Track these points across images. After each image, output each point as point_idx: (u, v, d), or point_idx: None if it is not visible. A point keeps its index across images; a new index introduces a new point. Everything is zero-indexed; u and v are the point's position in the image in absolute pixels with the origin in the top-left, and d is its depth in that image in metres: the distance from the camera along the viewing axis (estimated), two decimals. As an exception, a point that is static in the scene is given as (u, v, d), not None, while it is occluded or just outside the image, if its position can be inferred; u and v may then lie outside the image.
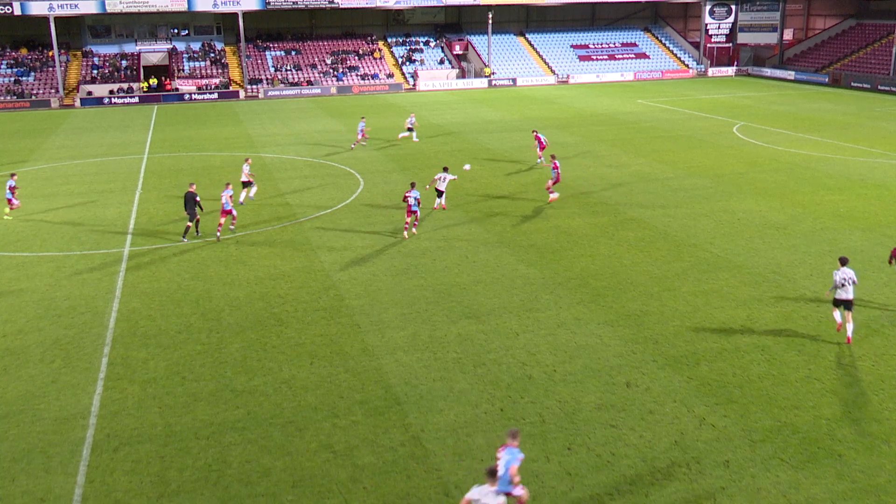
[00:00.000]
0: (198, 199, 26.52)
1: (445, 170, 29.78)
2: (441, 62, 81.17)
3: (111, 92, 71.75)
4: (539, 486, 12.91)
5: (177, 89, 72.63)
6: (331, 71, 77.91)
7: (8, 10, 68.39)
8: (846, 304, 18.02)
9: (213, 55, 78.43)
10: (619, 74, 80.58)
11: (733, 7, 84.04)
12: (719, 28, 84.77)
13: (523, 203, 31.33)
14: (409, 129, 45.99)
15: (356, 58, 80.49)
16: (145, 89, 72.17)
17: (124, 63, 76.21)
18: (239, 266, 24.23)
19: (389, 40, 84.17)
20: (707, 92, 69.33)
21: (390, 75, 78.36)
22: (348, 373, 17.02)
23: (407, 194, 26.48)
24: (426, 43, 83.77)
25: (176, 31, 79.96)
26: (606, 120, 52.77)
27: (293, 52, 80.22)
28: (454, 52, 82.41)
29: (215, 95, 71.93)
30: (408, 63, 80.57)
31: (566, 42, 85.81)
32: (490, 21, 77.99)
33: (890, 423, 14.63)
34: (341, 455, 13.89)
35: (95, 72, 74.31)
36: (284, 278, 23.07)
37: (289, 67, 77.95)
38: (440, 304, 20.89)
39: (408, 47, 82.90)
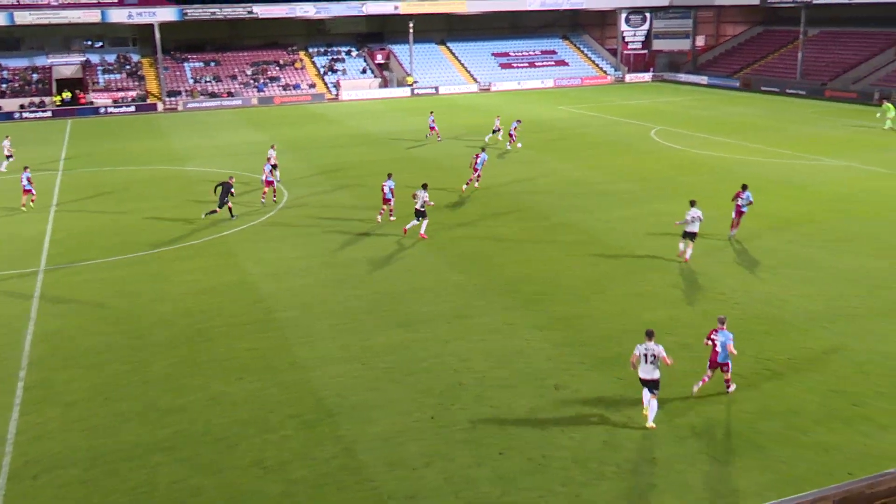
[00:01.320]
0: (231, 188, 30.42)
1: (424, 187, 27.44)
2: (363, 72, 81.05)
3: (22, 106, 69.34)
4: (473, 492, 12.98)
5: (92, 103, 70.65)
6: (252, 82, 76.97)
7: None
8: (691, 236, 24.21)
9: (129, 67, 76.62)
10: (540, 81, 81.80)
11: (648, 15, 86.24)
12: (635, 35, 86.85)
13: (455, 211, 31.49)
14: (496, 130, 47.05)
15: (277, 68, 79.72)
16: (58, 103, 69.98)
17: (35, 76, 73.78)
18: (163, 282, 23.70)
19: (311, 50, 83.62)
20: (626, 97, 70.93)
21: (312, 85, 77.86)
22: (279, 387, 16.81)
23: (383, 184, 29.06)
24: (348, 52, 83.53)
25: (90, 43, 77.78)
26: (530, 126, 53.43)
27: (213, 64, 78.97)
28: (376, 62, 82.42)
29: (132, 108, 70.24)
30: (330, 73, 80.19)
31: (487, 50, 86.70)
32: (411, 30, 78.26)
33: (808, 415, 15.18)
34: (273, 470, 13.71)
35: (5, 86, 71.75)
36: (211, 293, 22.66)
37: (208, 79, 76.70)
38: (372, 313, 20.82)
39: (330, 57, 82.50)
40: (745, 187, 27.03)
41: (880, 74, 67.66)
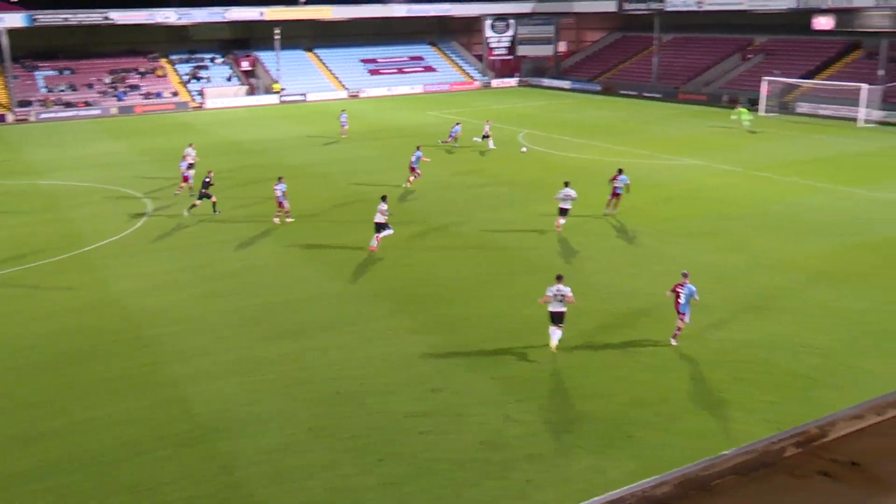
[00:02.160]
0: (210, 182, 31.33)
1: (384, 199, 26.98)
2: (229, 79, 79.22)
3: None
4: (355, 501, 12.98)
5: (-68, 114, 65.98)
6: (110, 91, 73.84)
7: None
8: (563, 212, 27.82)
9: (-27, 76, 71.98)
10: (409, 87, 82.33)
11: (512, 22, 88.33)
12: (500, 41, 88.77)
13: (330, 218, 31.29)
14: (486, 136, 46.12)
15: (138, 76, 76.79)
16: None
17: None
18: (27, 302, 22.45)
19: (173, 57, 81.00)
20: (493, 102, 72.39)
21: (175, 94, 75.46)
22: (154, 406, 16.25)
23: (275, 186, 29.74)
24: (212, 60, 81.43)
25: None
26: (401, 132, 53.76)
27: (67, 72, 75.24)
28: (242, 69, 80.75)
29: (-21, 120, 66.07)
30: (194, 81, 77.94)
31: (355, 56, 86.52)
32: (278, 37, 77.18)
33: (675, 403, 16.00)
34: (151, 493, 13.26)
35: None
36: (79, 312, 21.64)
37: (63, 88, 73.02)
38: (249, 326, 20.45)
39: (193, 64, 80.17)
40: (620, 171, 30.31)
41: (728, 78, 71.86)
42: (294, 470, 13.86)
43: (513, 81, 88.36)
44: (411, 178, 36.47)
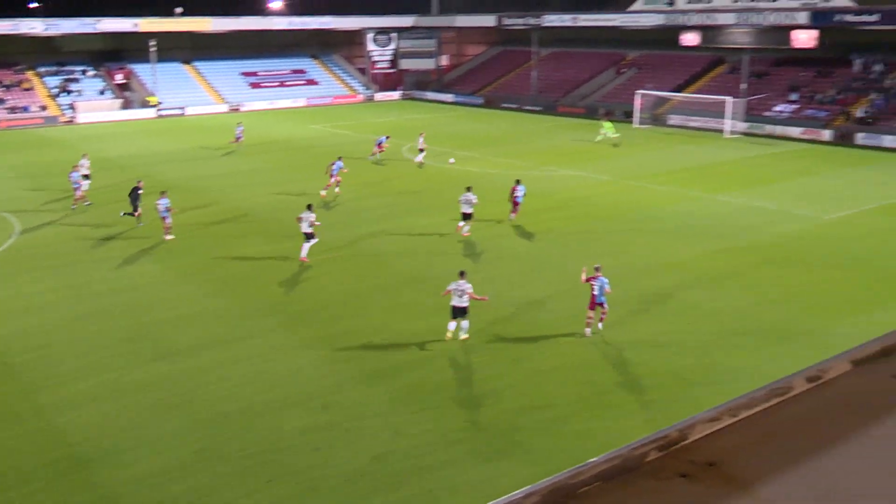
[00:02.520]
0: (140, 192, 31.25)
1: (310, 207, 26.83)
2: (102, 92, 76.21)
3: None
4: (246, 523, 12.65)
5: None
6: (-29, 104, 69.79)
7: None
8: (466, 217, 28.96)
9: None
10: (291, 101, 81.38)
11: (394, 35, 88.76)
12: (383, 55, 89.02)
13: (208, 235, 30.48)
14: (421, 150, 45.15)
15: (2, 89, 72.89)
16: None
17: None
18: None
19: (40, 69, 77.27)
20: (376, 115, 72.44)
21: (44, 107, 72.01)
22: (22, 437, 15.36)
23: (157, 202, 29.04)
24: (84, 72, 78.16)
25: None
26: (284, 146, 53.04)
27: (-79, 85, 70.70)
28: (116, 82, 77.85)
29: None
30: (64, 94, 74.59)
31: (236, 69, 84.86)
32: (153, 49, 74.85)
33: (563, 407, 16.35)
34: (21, 529, 12.52)
35: None
36: (-68, 341, 20.24)
37: (-83, 101, 68.54)
38: (126, 347, 19.64)
39: (62, 77, 76.73)
40: (518, 181, 31.71)
41: (604, 91, 74.42)
42: (178, 496, 13.38)
43: (396, 95, 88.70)
44: (331, 186, 36.84)
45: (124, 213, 31.75)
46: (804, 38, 58.05)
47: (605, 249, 27.83)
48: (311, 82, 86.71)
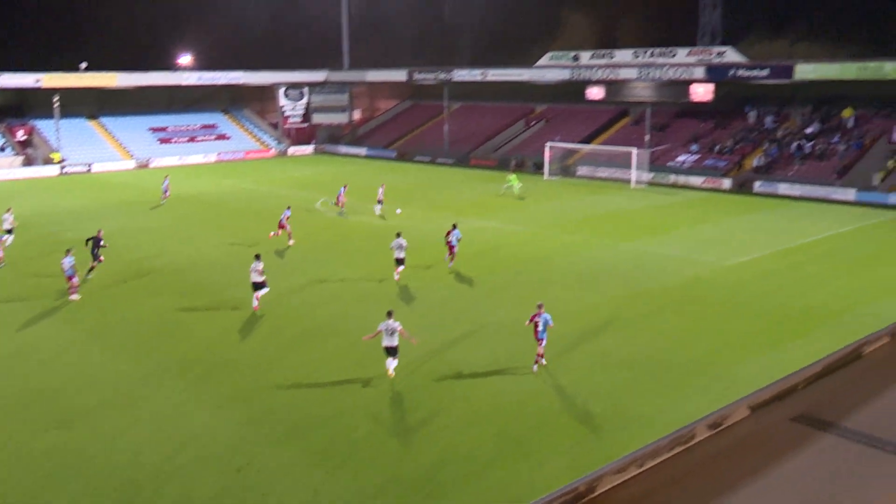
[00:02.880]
0: (101, 242, 31.43)
1: (258, 257, 27.21)
2: (2, 149, 73.68)
3: None
4: None
5: None
6: None
7: None
8: (399, 262, 29.96)
9: None
10: (202, 156, 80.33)
11: (305, 90, 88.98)
12: (295, 109, 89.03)
13: (117, 293, 29.52)
14: (379, 202, 46.27)
15: None
16: None
17: None
18: None
19: (-66, 126, 74.34)
20: (289, 170, 72.11)
21: (-61, 165, 69.08)
22: None
23: (62, 260, 28.19)
24: (-19, 129, 75.53)
25: None
26: (193, 201, 52.13)
27: None
28: (17, 139, 75.41)
29: None
30: (-40, 151, 71.78)
31: (144, 125, 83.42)
32: (57, 105, 72.97)
33: (481, 458, 16.29)
34: None
35: None
36: None
37: None
38: (20, 415, 18.68)
39: (-41, 134, 73.92)
40: (454, 226, 32.92)
41: (515, 143, 76.05)
42: (82, 570, 12.71)
43: (309, 149, 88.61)
44: (279, 235, 37.61)
45: (87, 273, 31.53)
46: (702, 92, 60.86)
47: (521, 298, 28.13)
48: (222, 137, 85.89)
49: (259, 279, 26.75)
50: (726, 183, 57.54)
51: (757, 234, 40.08)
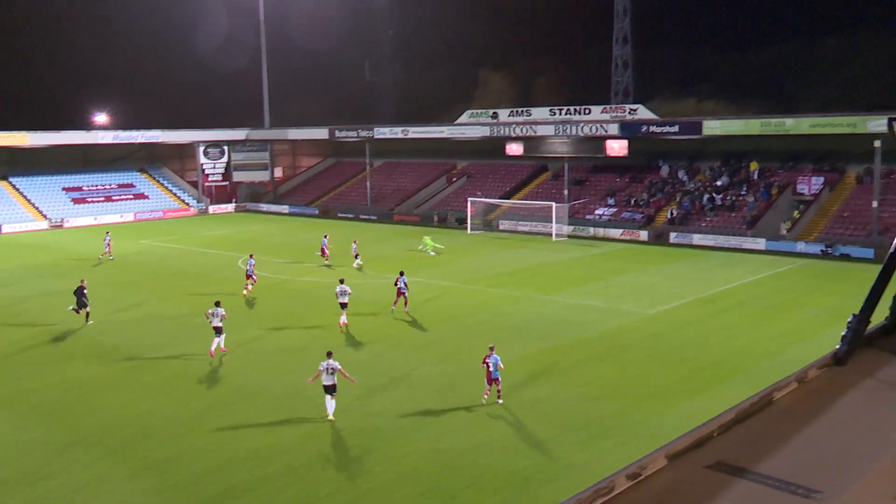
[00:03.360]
0: (84, 291, 32.82)
1: (217, 304, 28.40)
2: None
3: None
4: None
5: None
6: None
7: None
8: (343, 306, 31.47)
9: None
10: (119, 216, 78.53)
11: (225, 148, 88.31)
12: (215, 167, 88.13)
13: (24, 359, 28.29)
14: (356, 256, 47.50)
15: None
16: None
17: None
18: None
19: None
20: (210, 228, 71.04)
21: None
22: None
23: None
24: None
25: None
26: (110, 262, 50.73)
27: None
28: (-80, 200, 72.49)
29: None
30: None
31: (57, 185, 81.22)
32: (-37, 165, 70.61)
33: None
34: None
35: None
36: None
37: None
38: (-78, 494, 17.62)
39: None
40: (402, 273, 34.59)
41: (437, 199, 76.77)
42: None
43: (230, 207, 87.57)
44: (249, 287, 38.86)
45: (71, 308, 33.10)
46: (617, 148, 62.76)
47: (441, 354, 28.12)
48: (140, 196, 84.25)
49: (219, 324, 27.90)
50: (644, 234, 59.13)
51: (675, 284, 41.17)
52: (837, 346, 3.02)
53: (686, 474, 2.27)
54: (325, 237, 50.65)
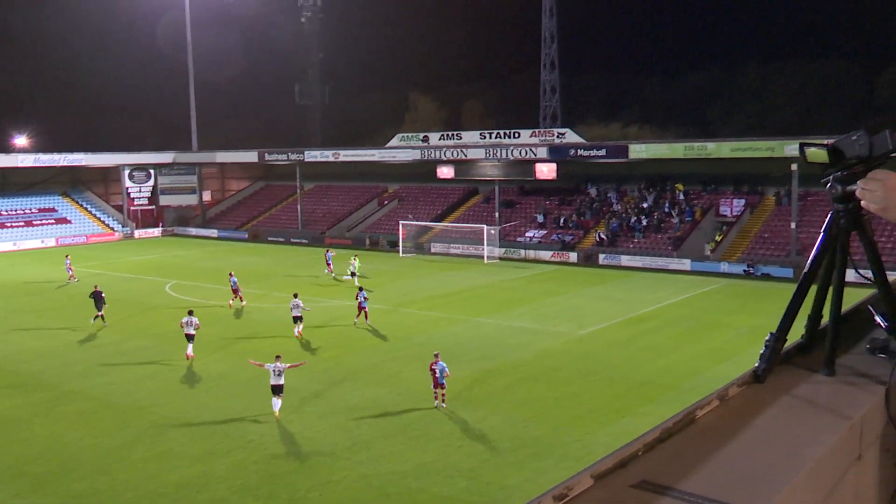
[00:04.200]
0: (102, 295, 36.13)
1: (191, 313, 30.90)
2: None
3: None
4: None
5: None
6: None
7: None
8: (297, 319, 34.10)
9: None
10: (40, 241, 76.08)
11: (152, 171, 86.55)
12: (141, 191, 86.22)
13: (-66, 394, 27.12)
14: (353, 274, 48.42)
15: None
16: None
17: None
18: None
19: None
20: (136, 254, 69.39)
21: None
22: None
23: None
24: None
25: None
26: (31, 290, 49.10)
27: None
28: None
29: None
30: None
31: (-27, 209, 78.36)
32: None
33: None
34: None
35: None
36: None
37: None
38: None
39: None
40: (361, 288, 37.83)
41: (369, 222, 76.60)
42: None
43: (157, 231, 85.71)
44: (236, 300, 41.12)
45: (95, 317, 35.95)
46: (546, 171, 63.75)
47: (375, 378, 27.99)
48: (62, 221, 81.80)
49: (192, 332, 30.25)
50: (573, 256, 60.01)
51: (604, 305, 41.86)
52: (756, 364, 3.15)
53: (611, 494, 2.35)
54: (331, 252, 54.18)
